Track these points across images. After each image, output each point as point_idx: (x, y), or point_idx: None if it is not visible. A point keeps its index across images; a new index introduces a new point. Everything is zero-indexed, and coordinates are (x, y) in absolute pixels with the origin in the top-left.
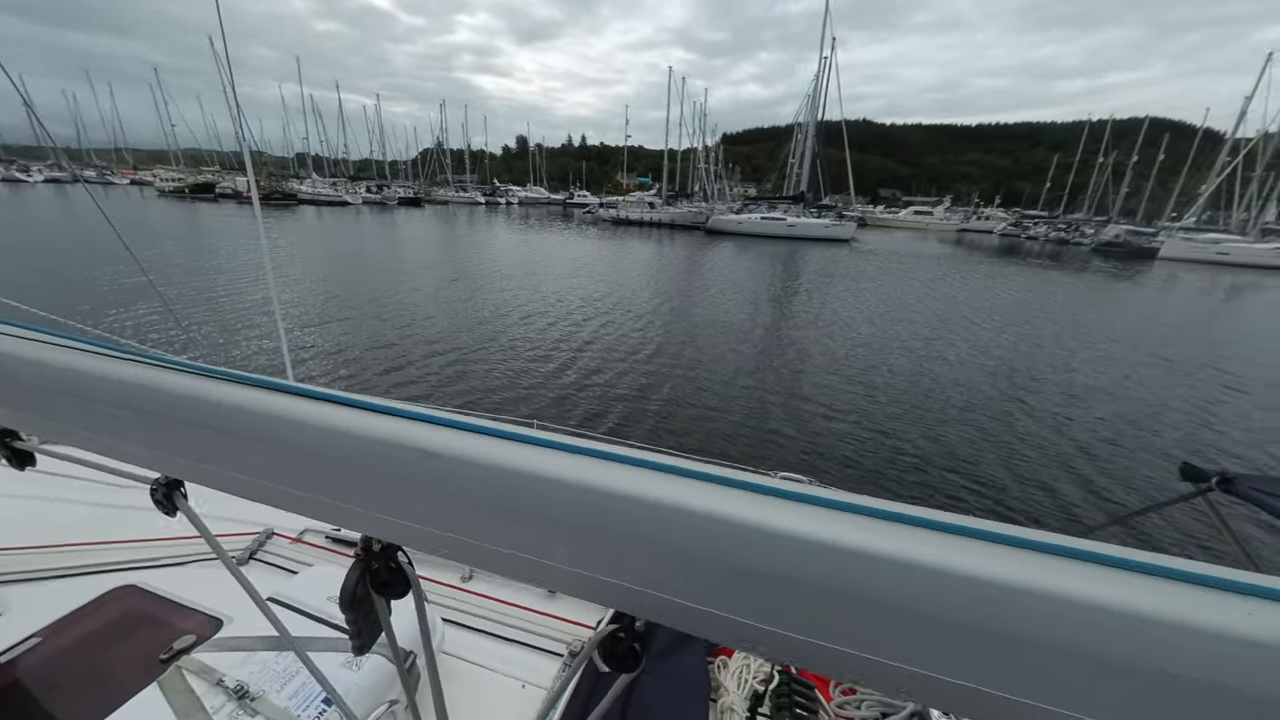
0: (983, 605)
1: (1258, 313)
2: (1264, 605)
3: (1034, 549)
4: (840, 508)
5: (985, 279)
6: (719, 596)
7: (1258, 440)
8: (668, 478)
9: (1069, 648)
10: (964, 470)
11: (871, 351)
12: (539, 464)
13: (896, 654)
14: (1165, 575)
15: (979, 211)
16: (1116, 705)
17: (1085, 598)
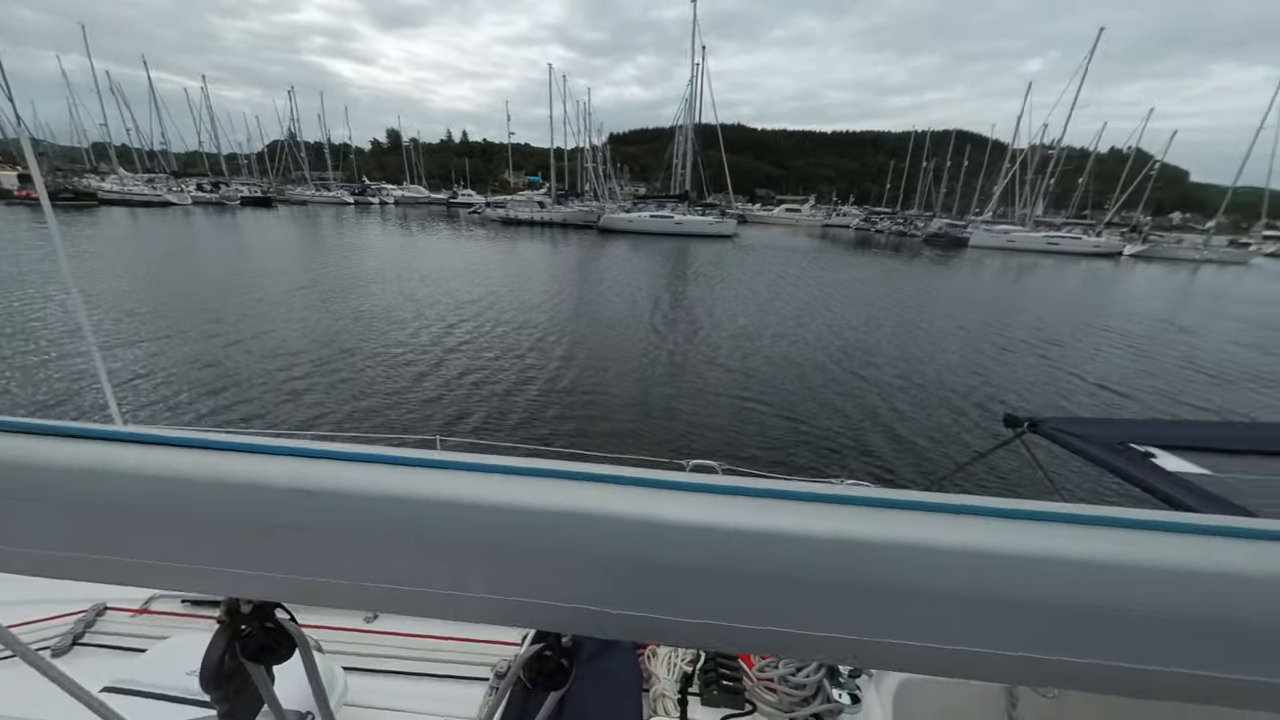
0: (857, 562)
1: (1034, 285)
2: (1064, 528)
3: (894, 506)
4: (738, 492)
5: (845, 268)
6: (645, 598)
7: (1054, 385)
8: (580, 485)
9: (925, 587)
10: (839, 439)
11: (752, 336)
12: (440, 488)
13: (799, 622)
14: (995, 514)
15: (838, 209)
16: (968, 630)
17: (936, 543)
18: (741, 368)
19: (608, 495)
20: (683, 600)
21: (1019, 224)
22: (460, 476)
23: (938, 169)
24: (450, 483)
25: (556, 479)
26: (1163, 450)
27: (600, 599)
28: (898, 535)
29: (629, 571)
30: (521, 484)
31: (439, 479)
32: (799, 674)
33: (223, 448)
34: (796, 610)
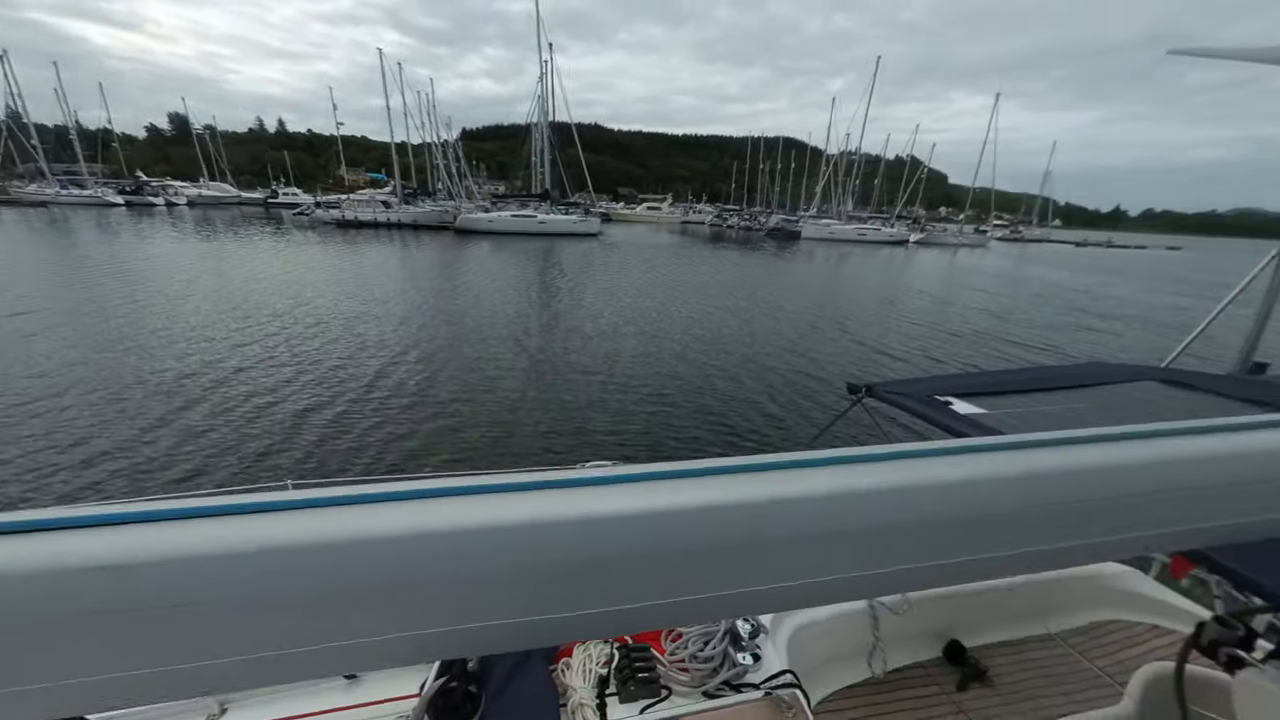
0: (736, 523)
1: (852, 269)
2: (881, 465)
3: (759, 469)
4: (626, 480)
5: (706, 261)
6: (547, 600)
7: (871, 350)
8: (463, 500)
9: (789, 533)
10: (718, 422)
11: (625, 334)
12: (299, 531)
13: (698, 587)
14: (831, 463)
15: (694, 207)
16: (826, 562)
17: (792, 494)
18: (624, 365)
19: (495, 505)
20: (589, 593)
21: (836, 218)
22: (321, 514)
23: (772, 170)
24: (309, 523)
25: (436, 498)
26: (956, 398)
27: (505, 611)
28: (763, 494)
29: (528, 576)
30: (397, 510)
31: (294, 522)
32: (706, 648)
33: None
34: (694, 578)
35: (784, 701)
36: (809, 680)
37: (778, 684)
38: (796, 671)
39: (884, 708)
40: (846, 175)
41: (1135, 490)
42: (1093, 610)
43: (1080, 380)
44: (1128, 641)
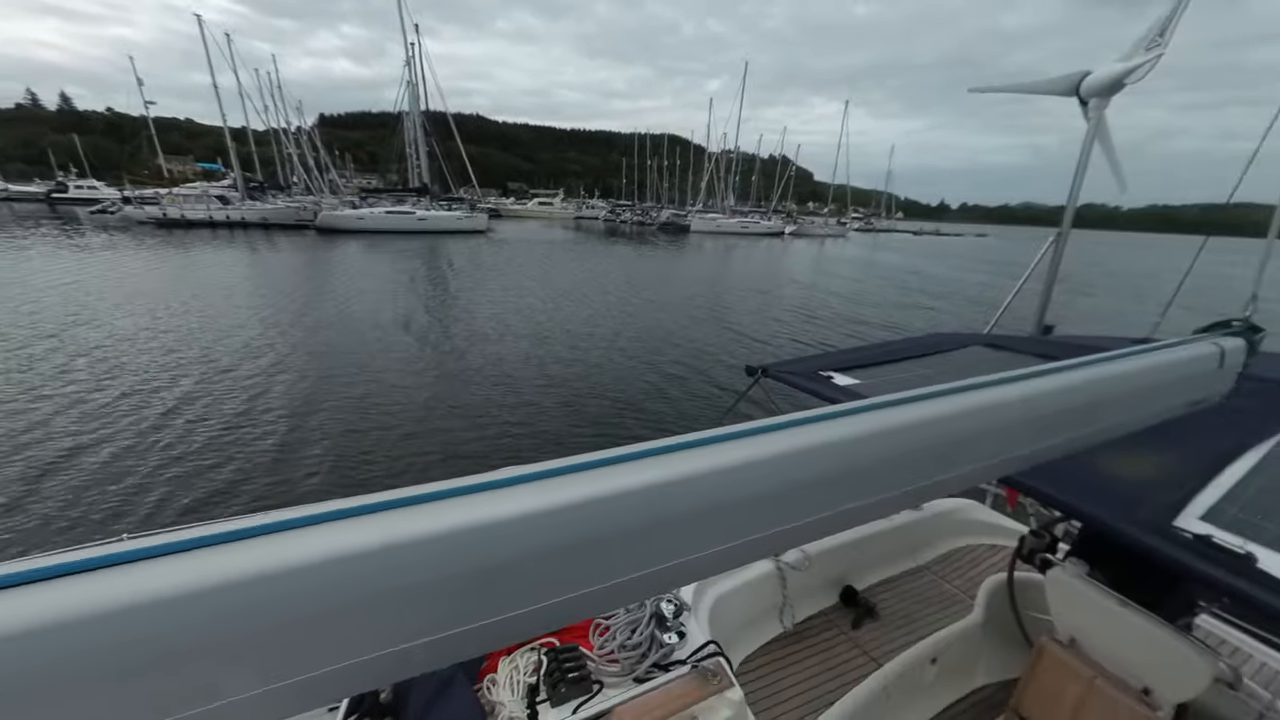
0: (649, 505)
1: (739, 260)
2: (772, 435)
3: (667, 451)
4: (540, 476)
5: (602, 257)
6: (455, 613)
7: (767, 330)
8: (353, 523)
9: (698, 506)
10: (631, 413)
11: (530, 334)
12: (150, 586)
13: (620, 571)
14: (727, 438)
15: (587, 202)
16: (734, 528)
17: (696, 471)
18: (528, 367)
19: (383, 525)
20: (501, 599)
21: (722, 213)
22: (180, 561)
23: (660, 167)
24: (166, 575)
25: (309, 527)
26: (837, 372)
27: (407, 632)
28: (668, 475)
29: (430, 592)
30: (258, 548)
31: (145, 574)
32: (634, 635)
33: None
34: (609, 565)
35: (709, 671)
36: (731, 646)
37: (703, 655)
38: (719, 640)
39: (795, 656)
40: (727, 172)
41: (967, 433)
42: (949, 540)
43: (928, 349)
44: (975, 562)
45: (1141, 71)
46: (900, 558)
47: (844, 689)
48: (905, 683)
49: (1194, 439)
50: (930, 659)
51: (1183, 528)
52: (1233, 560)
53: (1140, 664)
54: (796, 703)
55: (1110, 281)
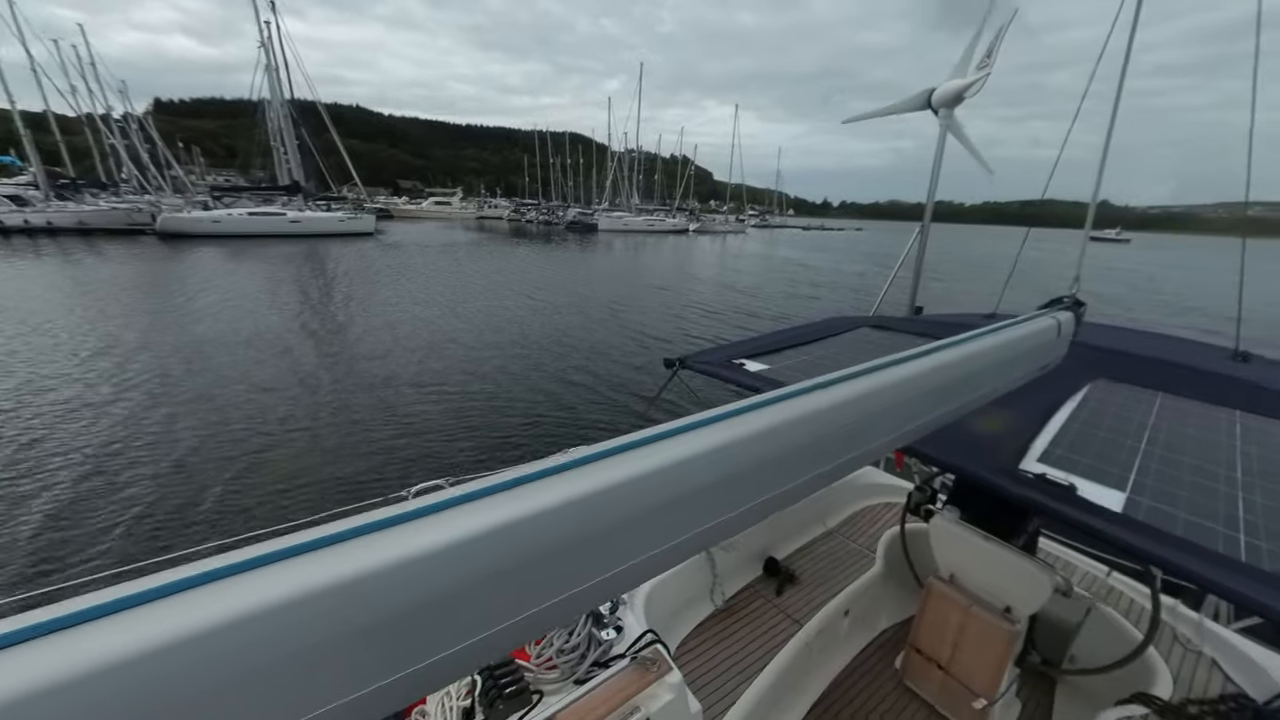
0: (583, 515)
1: (648, 256)
2: (701, 430)
3: (598, 459)
4: (467, 499)
5: (510, 258)
6: (373, 666)
7: (675, 323)
8: (266, 572)
9: (634, 509)
10: (556, 418)
11: (434, 345)
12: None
13: (560, 587)
14: (665, 436)
15: (489, 201)
16: (670, 526)
17: (633, 474)
18: (431, 385)
19: (283, 576)
20: (430, 640)
21: (628, 211)
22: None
23: (563, 165)
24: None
25: (230, 577)
26: (747, 359)
27: (330, 691)
28: (598, 484)
29: (347, 646)
30: (133, 622)
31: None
32: (571, 639)
33: None
34: (553, 578)
35: (649, 660)
36: (668, 631)
37: (641, 646)
38: (656, 628)
39: (727, 630)
40: (631, 171)
41: (870, 410)
42: (852, 504)
43: (825, 332)
44: (874, 520)
45: (976, 87)
46: (813, 525)
47: (773, 653)
48: (824, 637)
49: (1033, 396)
50: (843, 611)
51: (1025, 470)
52: (1060, 491)
53: (1002, 587)
54: (731, 673)
55: (956, 267)
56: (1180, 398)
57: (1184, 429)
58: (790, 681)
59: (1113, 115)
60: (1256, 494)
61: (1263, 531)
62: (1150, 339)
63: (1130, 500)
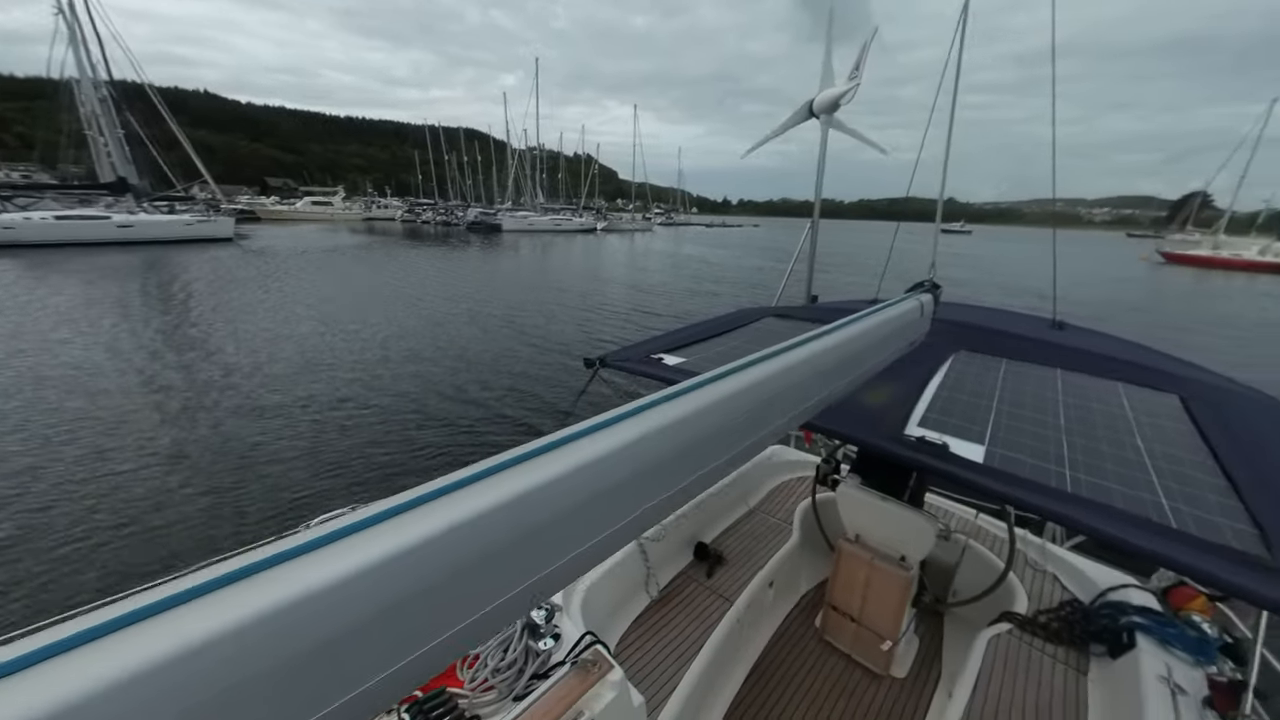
0: (509, 521)
1: (558, 257)
2: (623, 424)
3: (517, 462)
4: (376, 520)
5: (402, 264)
6: (308, 696)
7: (589, 323)
8: (153, 625)
9: (564, 507)
10: (478, 425)
11: (319, 362)
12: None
13: (488, 597)
14: (587, 432)
15: (379, 201)
16: (602, 519)
17: (558, 473)
18: (347, 395)
19: (182, 623)
20: (354, 669)
21: (533, 210)
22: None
23: (460, 163)
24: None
25: (109, 636)
26: (666, 354)
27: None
28: (529, 484)
29: (276, 684)
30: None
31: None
32: (507, 655)
33: None
34: (481, 590)
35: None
36: (607, 629)
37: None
38: (595, 629)
39: (664, 619)
40: (534, 169)
41: (775, 390)
42: (769, 482)
43: (735, 323)
44: (790, 494)
45: (849, 95)
46: (736, 506)
47: (708, 633)
48: (752, 611)
49: (909, 369)
50: (768, 583)
51: (909, 434)
52: (937, 450)
53: (897, 539)
54: (671, 660)
55: (841, 259)
56: (1018, 362)
57: (1022, 388)
58: (725, 657)
59: (950, 125)
60: (1076, 436)
61: (1081, 466)
62: (993, 314)
63: (989, 451)
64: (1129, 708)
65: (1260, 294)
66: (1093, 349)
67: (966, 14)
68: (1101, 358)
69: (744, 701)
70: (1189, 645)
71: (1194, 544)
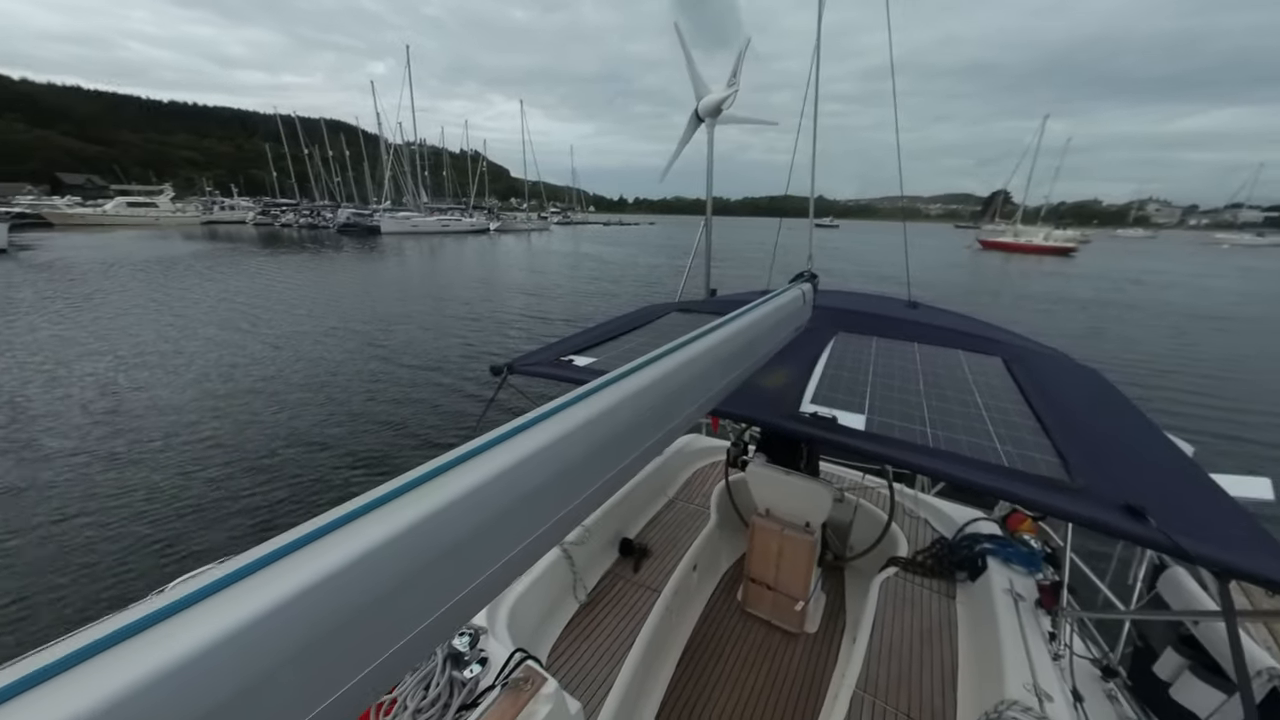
0: (422, 542)
1: (449, 260)
2: (536, 428)
3: (430, 478)
4: (276, 556)
5: (256, 277)
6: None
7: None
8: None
9: (479, 521)
10: (386, 446)
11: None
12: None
13: (403, 629)
14: (499, 440)
15: (222, 202)
16: (520, 530)
17: (476, 483)
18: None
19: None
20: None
21: (416, 210)
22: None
23: (325, 157)
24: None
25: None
26: (575, 355)
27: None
28: (433, 505)
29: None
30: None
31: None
32: (429, 693)
33: None
34: (393, 625)
35: (520, 681)
36: (537, 643)
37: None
38: (525, 645)
39: (594, 621)
40: (415, 166)
41: (682, 381)
42: (685, 470)
43: (642, 320)
44: (705, 480)
45: (730, 100)
46: (656, 498)
47: (640, 627)
48: (679, 597)
49: (798, 353)
50: (692, 567)
51: (803, 412)
52: (827, 424)
53: (800, 508)
54: (604, 661)
55: (733, 254)
56: (885, 339)
57: (890, 362)
58: (657, 646)
59: (814, 129)
60: (932, 399)
61: (939, 424)
62: (863, 299)
63: (869, 419)
64: (985, 618)
65: (1046, 274)
66: (939, 324)
67: (821, 32)
68: (946, 330)
69: (678, 684)
70: (1023, 560)
71: (1020, 477)
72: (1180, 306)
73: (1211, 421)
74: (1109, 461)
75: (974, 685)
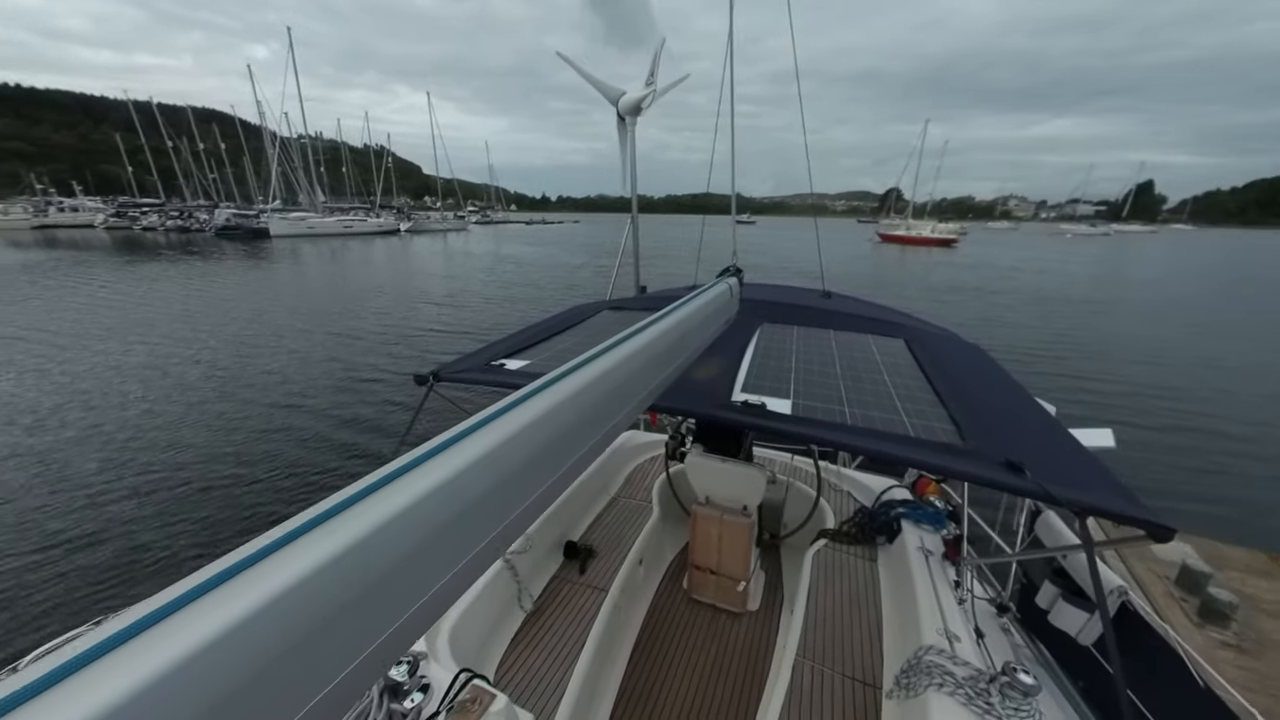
0: (356, 568)
1: (355, 264)
2: (473, 436)
3: (359, 499)
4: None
5: (140, 283)
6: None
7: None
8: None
9: (418, 540)
10: (308, 469)
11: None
12: None
13: (338, 662)
14: (432, 454)
15: (60, 202)
16: (459, 546)
17: (410, 501)
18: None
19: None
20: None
21: (313, 210)
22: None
23: (195, 151)
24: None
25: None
26: (507, 359)
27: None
28: (366, 528)
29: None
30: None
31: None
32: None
33: None
34: (323, 664)
35: (467, 702)
36: (483, 661)
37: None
38: (470, 664)
39: (542, 630)
40: (307, 161)
41: (619, 379)
42: (625, 467)
43: (574, 320)
44: (645, 474)
45: (649, 99)
46: (599, 497)
47: (589, 628)
48: (626, 594)
49: (727, 344)
50: (638, 561)
51: (735, 400)
52: (758, 410)
53: (738, 493)
54: (555, 667)
55: (655, 251)
56: (805, 328)
57: (810, 348)
58: (608, 645)
59: (731, 129)
60: (848, 380)
61: (855, 403)
62: (783, 290)
63: (795, 404)
64: (903, 576)
65: (935, 263)
66: (851, 311)
67: (733, 36)
68: (857, 317)
69: (631, 678)
70: (930, 519)
71: (923, 445)
72: (1050, 291)
73: (1067, 379)
74: (992, 425)
75: (897, 637)
